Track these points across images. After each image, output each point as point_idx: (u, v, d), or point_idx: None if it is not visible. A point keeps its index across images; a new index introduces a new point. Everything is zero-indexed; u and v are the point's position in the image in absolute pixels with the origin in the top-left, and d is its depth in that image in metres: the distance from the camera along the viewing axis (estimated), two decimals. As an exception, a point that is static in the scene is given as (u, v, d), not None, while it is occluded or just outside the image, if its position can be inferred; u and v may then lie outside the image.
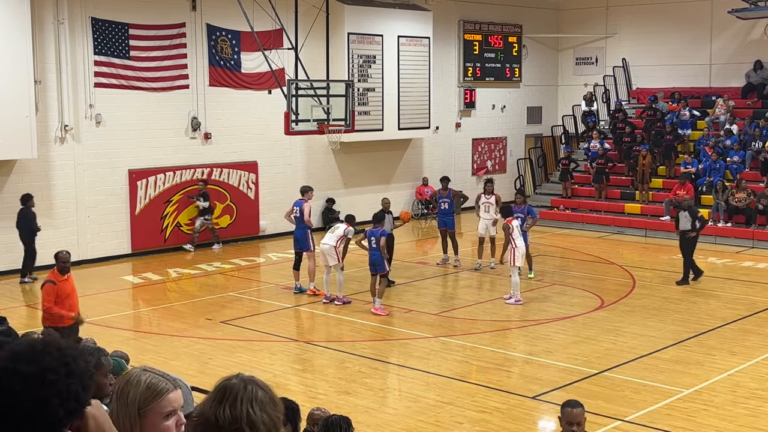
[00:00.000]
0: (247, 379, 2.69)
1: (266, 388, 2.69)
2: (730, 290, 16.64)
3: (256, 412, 2.60)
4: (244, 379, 2.69)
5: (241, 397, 2.62)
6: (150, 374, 2.85)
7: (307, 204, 16.43)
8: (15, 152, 17.56)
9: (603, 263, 19.16)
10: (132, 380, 2.81)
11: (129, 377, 2.83)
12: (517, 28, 28.60)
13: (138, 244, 19.85)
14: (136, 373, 2.86)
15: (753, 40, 26.01)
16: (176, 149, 20.59)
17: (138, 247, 19.85)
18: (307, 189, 16.84)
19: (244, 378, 2.70)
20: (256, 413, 2.60)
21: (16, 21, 17.12)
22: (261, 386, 2.68)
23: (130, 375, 2.85)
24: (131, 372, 2.88)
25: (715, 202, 21.89)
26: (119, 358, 6.83)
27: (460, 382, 11.30)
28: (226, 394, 2.64)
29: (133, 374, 2.85)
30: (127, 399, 2.76)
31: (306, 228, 16.23)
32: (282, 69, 20.38)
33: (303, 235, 16.26)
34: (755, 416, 9.97)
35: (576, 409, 6.21)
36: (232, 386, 2.66)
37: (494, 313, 15.06)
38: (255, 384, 2.67)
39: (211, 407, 2.64)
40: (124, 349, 8.17)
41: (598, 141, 25.34)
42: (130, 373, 2.86)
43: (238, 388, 2.65)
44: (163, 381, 2.85)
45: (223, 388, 2.67)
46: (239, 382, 2.67)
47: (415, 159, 26.25)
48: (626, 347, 12.75)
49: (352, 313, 14.94)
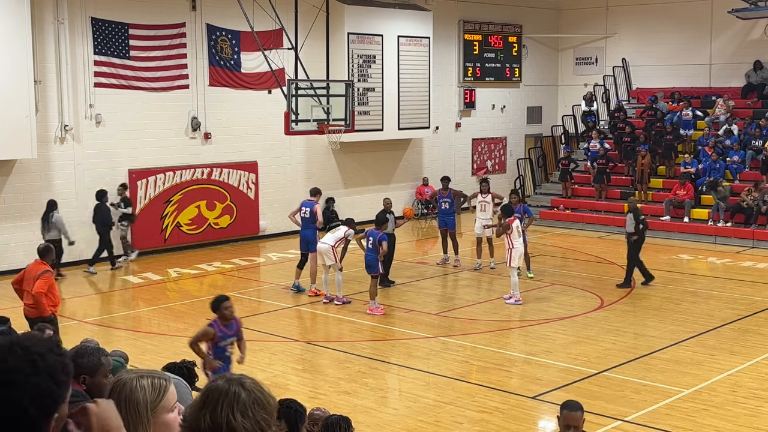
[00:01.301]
0: (232, 380, 2.60)
1: (252, 389, 2.58)
2: (730, 290, 16.63)
3: (236, 418, 2.51)
4: (229, 381, 2.60)
5: (222, 402, 2.54)
6: (145, 376, 2.86)
7: (318, 206, 16.47)
8: (15, 152, 17.57)
9: (603, 263, 19.16)
10: (134, 386, 2.80)
11: (127, 384, 2.80)
12: (517, 28, 28.60)
13: (138, 244, 19.84)
14: (130, 378, 2.84)
15: (753, 40, 26.01)
16: (176, 149, 20.59)
17: (138, 247, 19.83)
18: (318, 191, 16.96)
19: (230, 379, 2.61)
20: (236, 419, 2.51)
21: (16, 21, 17.12)
22: (246, 387, 2.58)
23: (127, 381, 2.82)
24: (124, 378, 2.85)
25: (716, 202, 21.89)
26: (119, 357, 6.84)
27: (460, 382, 11.30)
28: (209, 399, 2.57)
29: (129, 379, 2.83)
30: (138, 406, 2.76)
31: (317, 229, 16.24)
32: (282, 69, 20.38)
33: (314, 236, 16.21)
34: (755, 416, 9.97)
35: (574, 413, 6.04)
36: (215, 389, 2.58)
37: (494, 313, 15.06)
38: (240, 385, 2.58)
39: (194, 412, 2.59)
40: (124, 349, 8.17)
41: (598, 141, 25.34)
42: (125, 380, 2.83)
43: (221, 392, 2.56)
44: (159, 378, 2.87)
45: (206, 392, 2.61)
46: (223, 385, 2.59)
47: (415, 159, 26.26)
48: (626, 347, 12.75)
49: (352, 313, 14.95)
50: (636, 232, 16.65)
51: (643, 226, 16.78)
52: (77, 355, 4.81)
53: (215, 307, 9.42)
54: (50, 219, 17.47)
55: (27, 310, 11.12)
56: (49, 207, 17.62)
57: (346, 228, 15.68)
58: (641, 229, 16.69)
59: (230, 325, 9.42)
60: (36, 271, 11.10)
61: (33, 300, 10.92)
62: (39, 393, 2.03)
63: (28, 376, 2.02)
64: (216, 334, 9.26)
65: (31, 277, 11.09)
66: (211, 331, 9.29)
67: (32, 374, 2.03)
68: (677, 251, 20.58)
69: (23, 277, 11.24)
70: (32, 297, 10.90)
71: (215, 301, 9.52)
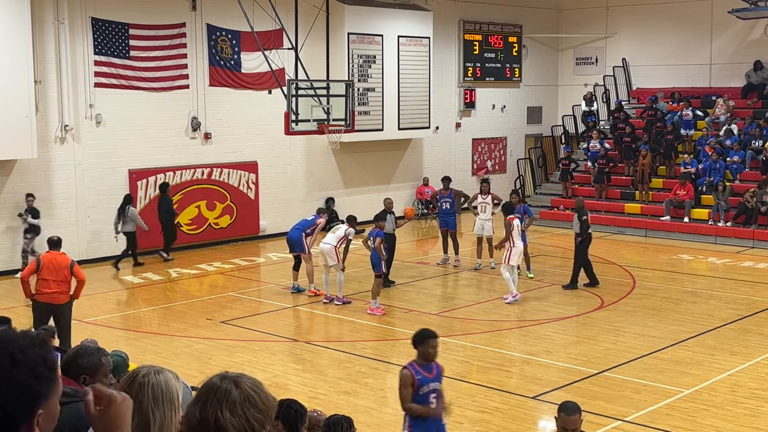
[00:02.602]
0: (227, 378, 2.57)
1: (245, 387, 2.54)
2: (731, 290, 16.63)
3: (225, 415, 2.48)
4: (224, 378, 2.57)
5: (212, 398, 2.52)
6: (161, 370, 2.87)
7: (321, 221, 16.51)
8: (15, 152, 17.57)
9: (603, 263, 19.15)
10: (167, 377, 2.83)
11: (156, 383, 2.80)
12: (517, 28, 28.60)
13: (138, 244, 19.81)
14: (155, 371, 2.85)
15: (753, 40, 26.01)
16: (176, 149, 20.59)
17: (138, 247, 19.81)
18: (323, 210, 17.44)
19: (225, 377, 2.58)
20: (224, 416, 2.48)
21: (16, 21, 17.12)
22: (239, 385, 2.54)
23: (157, 381, 2.81)
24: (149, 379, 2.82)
25: (716, 202, 21.89)
26: (119, 357, 6.84)
27: (460, 382, 11.29)
28: (201, 395, 2.56)
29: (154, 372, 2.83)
30: (177, 403, 2.79)
31: (301, 231, 16.15)
32: (282, 69, 20.38)
33: (299, 237, 16.14)
34: (755, 416, 9.97)
35: (572, 416, 5.96)
36: (208, 386, 2.57)
37: (494, 313, 15.06)
38: (233, 383, 2.54)
39: (188, 408, 2.59)
40: (124, 349, 8.16)
41: (598, 141, 25.34)
42: (150, 379, 2.82)
43: (212, 389, 2.54)
44: (167, 370, 2.89)
45: (201, 388, 2.60)
46: (216, 382, 2.56)
47: (415, 159, 26.26)
48: (626, 347, 12.75)
49: (352, 313, 14.94)
50: (580, 233, 16.49)
51: (585, 226, 16.45)
52: (77, 355, 4.80)
53: (419, 342, 7.46)
54: (126, 212, 18.76)
55: (53, 297, 11.63)
56: (125, 201, 18.91)
57: (346, 227, 15.67)
58: (584, 229, 16.44)
59: (429, 367, 7.49)
60: (62, 261, 11.68)
61: (64, 287, 11.58)
62: (18, 387, 1.98)
63: (4, 369, 1.98)
64: (414, 378, 7.35)
65: (57, 267, 11.62)
66: (408, 377, 7.36)
67: (11, 367, 1.98)
68: (677, 251, 20.57)
69: (44, 267, 11.62)
70: (63, 284, 11.57)
71: (420, 336, 7.52)
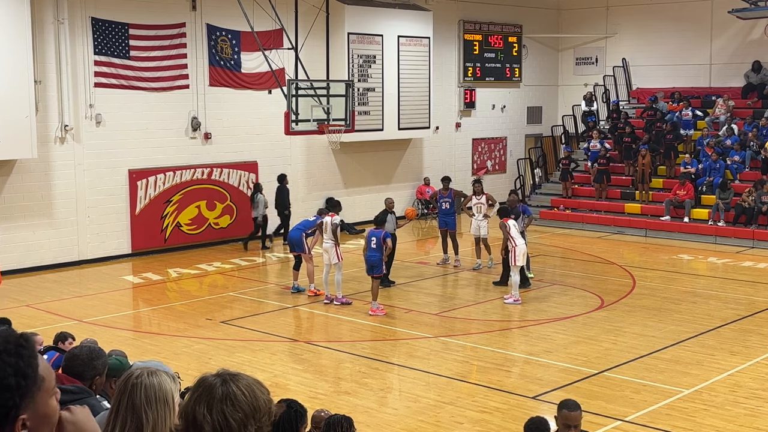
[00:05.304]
0: (220, 375, 2.54)
1: (233, 385, 2.50)
2: (731, 290, 16.63)
3: (200, 410, 2.46)
4: (218, 375, 2.54)
5: (194, 393, 2.50)
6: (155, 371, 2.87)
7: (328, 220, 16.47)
8: (15, 152, 17.57)
9: (603, 263, 19.16)
10: (161, 379, 2.83)
11: (150, 385, 2.79)
12: (517, 28, 28.60)
13: (138, 244, 19.85)
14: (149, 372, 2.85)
15: (753, 40, 26.01)
16: (176, 149, 20.59)
17: (138, 247, 19.85)
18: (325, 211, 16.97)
19: (220, 374, 2.54)
20: (199, 412, 2.46)
21: (16, 21, 17.12)
22: (226, 383, 2.50)
23: (150, 382, 2.80)
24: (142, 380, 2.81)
25: (716, 202, 21.88)
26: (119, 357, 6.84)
27: (460, 382, 11.30)
28: (191, 391, 2.55)
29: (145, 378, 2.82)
30: (174, 404, 2.80)
31: (301, 231, 16.16)
32: (282, 69, 20.39)
33: (300, 237, 16.14)
34: (755, 416, 9.96)
35: (573, 412, 6.08)
36: (199, 382, 2.55)
37: (494, 313, 15.06)
38: (220, 380, 2.51)
39: (183, 402, 2.62)
40: (124, 349, 8.16)
41: (598, 141, 25.34)
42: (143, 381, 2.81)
43: (198, 384, 2.53)
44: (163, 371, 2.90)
45: (194, 383, 2.60)
46: (205, 377, 2.54)
47: (415, 159, 26.26)
48: (626, 347, 12.75)
49: (352, 313, 14.94)
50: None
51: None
52: (92, 358, 4.80)
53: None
54: (255, 199, 20.42)
55: None
56: (256, 188, 20.81)
57: (330, 219, 15.60)
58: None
59: None
60: None
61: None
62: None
63: None
64: None
65: None
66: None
67: None
68: (677, 251, 20.57)
69: None
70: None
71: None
